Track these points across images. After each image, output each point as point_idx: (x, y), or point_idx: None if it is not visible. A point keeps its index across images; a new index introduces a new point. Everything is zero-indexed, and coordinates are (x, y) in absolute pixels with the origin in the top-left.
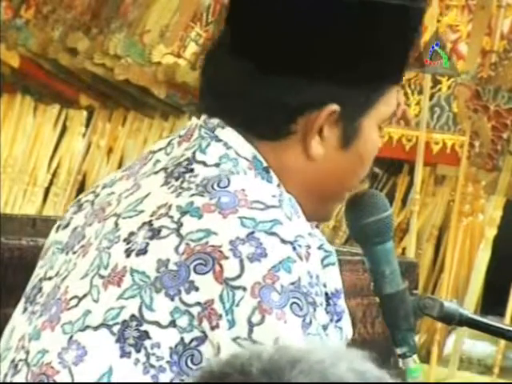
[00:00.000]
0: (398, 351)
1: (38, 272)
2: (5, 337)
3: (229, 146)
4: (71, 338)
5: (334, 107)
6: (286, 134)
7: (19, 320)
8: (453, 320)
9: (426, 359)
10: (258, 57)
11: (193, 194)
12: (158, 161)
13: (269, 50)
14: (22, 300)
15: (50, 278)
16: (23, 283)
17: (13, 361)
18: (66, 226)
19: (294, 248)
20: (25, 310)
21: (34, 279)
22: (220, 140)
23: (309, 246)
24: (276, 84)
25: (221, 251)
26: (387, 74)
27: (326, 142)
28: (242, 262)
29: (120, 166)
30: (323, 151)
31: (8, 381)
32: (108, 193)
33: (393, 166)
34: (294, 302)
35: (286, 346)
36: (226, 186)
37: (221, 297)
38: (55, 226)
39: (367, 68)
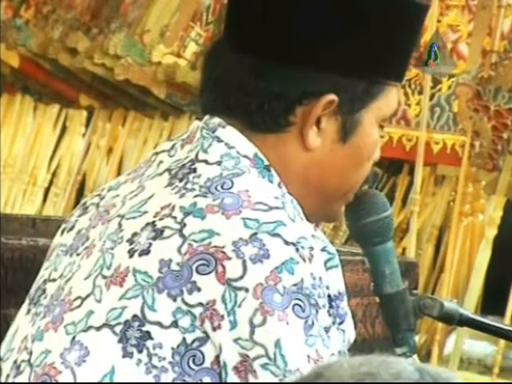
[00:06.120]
0: (398, 351)
1: (43, 274)
2: (8, 338)
3: (230, 146)
4: (74, 338)
5: (332, 97)
6: (285, 126)
7: (22, 321)
8: (453, 320)
9: (426, 359)
10: (255, 48)
11: (196, 195)
12: (161, 162)
13: (267, 42)
14: (26, 301)
15: (53, 280)
16: (23, 283)
17: (15, 361)
18: (71, 228)
19: (297, 249)
20: (28, 311)
21: (38, 280)
22: (221, 140)
23: (312, 248)
24: (275, 74)
25: (223, 252)
26: (387, 70)
27: (323, 133)
28: (244, 263)
29: (120, 165)
30: (320, 142)
31: (10, 382)
32: (113, 195)
33: (393, 166)
34: (297, 304)
35: None
36: (230, 188)
37: (223, 297)
38: (60, 228)
39: (367, 61)
